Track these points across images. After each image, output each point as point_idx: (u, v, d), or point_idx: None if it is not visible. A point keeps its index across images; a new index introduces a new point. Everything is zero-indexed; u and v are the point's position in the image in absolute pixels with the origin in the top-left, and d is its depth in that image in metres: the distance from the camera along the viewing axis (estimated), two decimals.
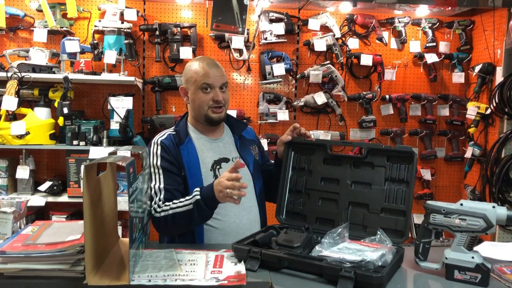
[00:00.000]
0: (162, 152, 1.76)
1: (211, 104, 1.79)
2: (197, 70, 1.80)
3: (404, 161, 1.64)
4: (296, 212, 1.78)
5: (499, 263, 1.48)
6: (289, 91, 3.53)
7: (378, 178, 1.66)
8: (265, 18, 3.34)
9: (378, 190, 1.65)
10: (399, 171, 1.64)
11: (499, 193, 3.11)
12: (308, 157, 1.82)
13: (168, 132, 1.85)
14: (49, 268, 1.28)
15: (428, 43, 3.54)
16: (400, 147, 1.72)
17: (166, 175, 1.73)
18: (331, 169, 1.76)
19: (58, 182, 3.04)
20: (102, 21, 3.15)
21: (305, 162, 1.82)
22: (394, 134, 3.55)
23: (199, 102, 1.81)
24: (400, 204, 1.60)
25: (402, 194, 1.61)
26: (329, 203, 1.73)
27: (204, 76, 1.78)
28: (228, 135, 1.93)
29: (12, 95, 2.85)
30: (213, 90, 1.79)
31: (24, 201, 1.65)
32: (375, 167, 1.68)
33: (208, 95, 1.79)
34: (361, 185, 1.69)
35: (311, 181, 1.78)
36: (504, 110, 3.13)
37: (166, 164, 1.74)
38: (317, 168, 1.79)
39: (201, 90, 1.79)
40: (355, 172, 1.71)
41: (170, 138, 1.81)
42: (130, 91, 3.23)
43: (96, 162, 1.30)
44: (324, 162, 1.78)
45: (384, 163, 1.67)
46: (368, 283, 1.25)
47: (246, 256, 1.42)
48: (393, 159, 1.66)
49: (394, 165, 1.65)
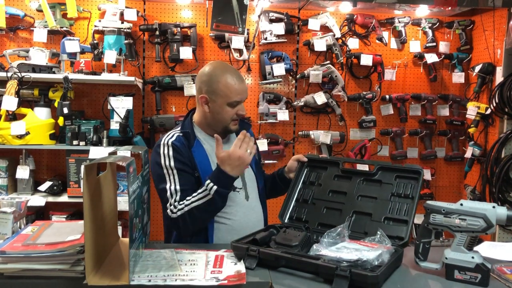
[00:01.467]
0: (174, 153, 1.74)
1: (234, 117, 1.81)
2: (227, 85, 1.76)
3: (412, 179, 1.68)
4: (299, 218, 1.79)
5: (499, 263, 1.48)
6: (289, 91, 3.53)
7: (385, 193, 1.70)
8: (265, 18, 3.34)
9: (382, 202, 1.68)
10: (405, 188, 1.67)
11: (499, 193, 3.11)
12: (320, 173, 1.86)
13: (176, 133, 1.82)
14: (49, 268, 1.28)
15: (428, 43, 3.54)
16: (409, 166, 1.73)
17: (181, 175, 1.72)
18: (340, 184, 1.80)
19: (58, 182, 3.05)
20: (102, 21, 3.15)
21: (316, 178, 1.85)
22: (394, 134, 3.55)
23: (224, 115, 1.80)
24: (404, 215, 1.61)
25: (406, 207, 1.63)
26: (333, 211, 1.74)
27: (236, 94, 1.77)
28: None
29: (12, 95, 2.85)
30: (239, 106, 1.80)
31: (24, 201, 1.64)
32: (383, 184, 1.72)
33: (234, 110, 1.79)
34: (367, 198, 1.72)
35: (319, 193, 1.81)
36: (504, 110, 3.13)
37: (180, 165, 1.73)
38: (327, 183, 1.82)
39: (229, 106, 1.78)
40: (363, 187, 1.75)
41: (180, 140, 1.79)
42: (130, 91, 3.23)
43: (96, 162, 1.30)
44: (335, 178, 1.82)
45: (392, 181, 1.71)
46: (363, 282, 1.25)
47: (244, 254, 1.43)
48: (401, 177, 1.70)
49: (401, 182, 1.69)
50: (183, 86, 3.29)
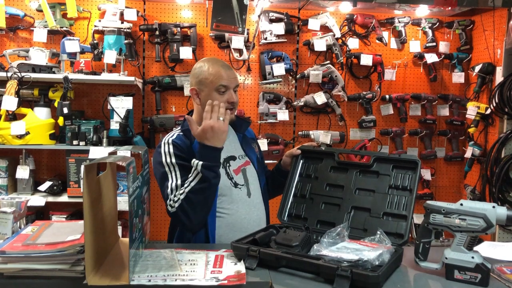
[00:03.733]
0: (176, 150, 1.75)
1: (226, 105, 1.79)
2: (212, 72, 1.79)
3: (409, 170, 1.66)
4: (298, 214, 1.79)
5: (499, 263, 1.48)
6: (289, 91, 3.53)
7: (382, 185, 1.69)
8: (265, 18, 3.34)
9: (381, 196, 1.67)
10: (403, 179, 1.66)
11: (499, 193, 3.11)
12: (315, 165, 1.85)
13: (177, 133, 1.84)
14: (49, 268, 1.28)
15: (428, 43, 3.54)
16: (405, 156, 1.73)
17: (182, 170, 1.72)
18: (337, 176, 1.78)
19: (58, 182, 3.05)
20: (102, 21, 3.15)
21: (312, 170, 1.84)
22: (394, 134, 3.55)
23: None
24: (402, 210, 1.61)
25: (404, 200, 1.63)
26: (332, 207, 1.74)
27: (220, 78, 1.78)
28: (231, 134, 1.94)
29: (12, 95, 2.85)
30: (228, 92, 1.80)
31: (24, 201, 1.64)
32: (380, 176, 1.71)
33: (223, 96, 1.78)
34: (365, 191, 1.71)
35: (316, 187, 1.80)
36: (504, 110, 3.13)
37: (180, 160, 1.73)
38: (324, 175, 1.81)
39: (216, 92, 1.78)
40: (360, 179, 1.74)
41: (181, 138, 1.80)
42: (130, 91, 3.23)
43: (96, 162, 1.29)
44: (331, 170, 1.81)
45: (389, 172, 1.69)
46: (364, 282, 1.25)
47: (244, 255, 1.43)
48: (398, 167, 1.69)
49: (399, 173, 1.68)
50: (183, 86, 3.29)
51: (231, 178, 1.84)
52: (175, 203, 1.65)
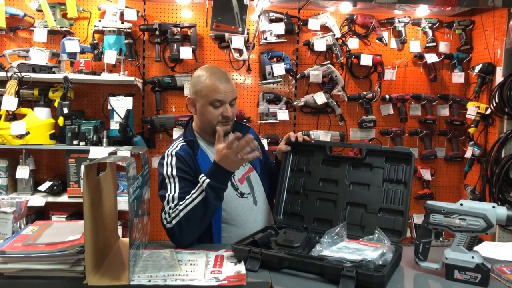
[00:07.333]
0: (178, 163, 1.73)
1: (220, 119, 1.78)
2: (208, 84, 1.75)
3: (402, 162, 1.65)
4: (294, 212, 1.78)
5: (499, 263, 1.48)
6: (289, 91, 3.53)
7: (376, 179, 1.67)
8: (265, 18, 3.34)
9: (376, 190, 1.66)
10: (397, 172, 1.65)
11: (499, 193, 3.11)
12: (307, 158, 1.83)
13: (179, 144, 1.81)
14: (49, 268, 1.28)
15: (428, 43, 3.54)
16: (398, 148, 1.72)
17: (181, 183, 1.69)
18: (329, 170, 1.77)
19: (58, 182, 3.04)
20: (102, 21, 3.15)
21: (304, 164, 1.82)
22: (394, 134, 3.55)
23: (208, 116, 1.78)
24: (398, 205, 1.61)
25: (400, 194, 1.62)
26: (327, 203, 1.73)
27: (215, 92, 1.74)
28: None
29: (12, 95, 2.85)
30: (223, 106, 1.77)
31: (24, 201, 1.64)
32: (373, 168, 1.69)
33: (217, 110, 1.76)
34: (359, 185, 1.70)
35: (309, 182, 1.78)
36: (504, 110, 3.13)
37: (181, 173, 1.71)
38: (316, 169, 1.79)
39: (211, 106, 1.76)
40: (353, 173, 1.72)
41: (185, 149, 1.77)
42: (130, 91, 3.23)
43: (96, 162, 1.30)
44: (323, 163, 1.79)
45: (382, 164, 1.68)
46: (369, 282, 1.25)
47: (246, 257, 1.42)
48: (391, 160, 1.67)
49: (393, 166, 1.66)
50: (183, 86, 3.29)
51: (237, 188, 1.83)
52: (172, 219, 1.61)
